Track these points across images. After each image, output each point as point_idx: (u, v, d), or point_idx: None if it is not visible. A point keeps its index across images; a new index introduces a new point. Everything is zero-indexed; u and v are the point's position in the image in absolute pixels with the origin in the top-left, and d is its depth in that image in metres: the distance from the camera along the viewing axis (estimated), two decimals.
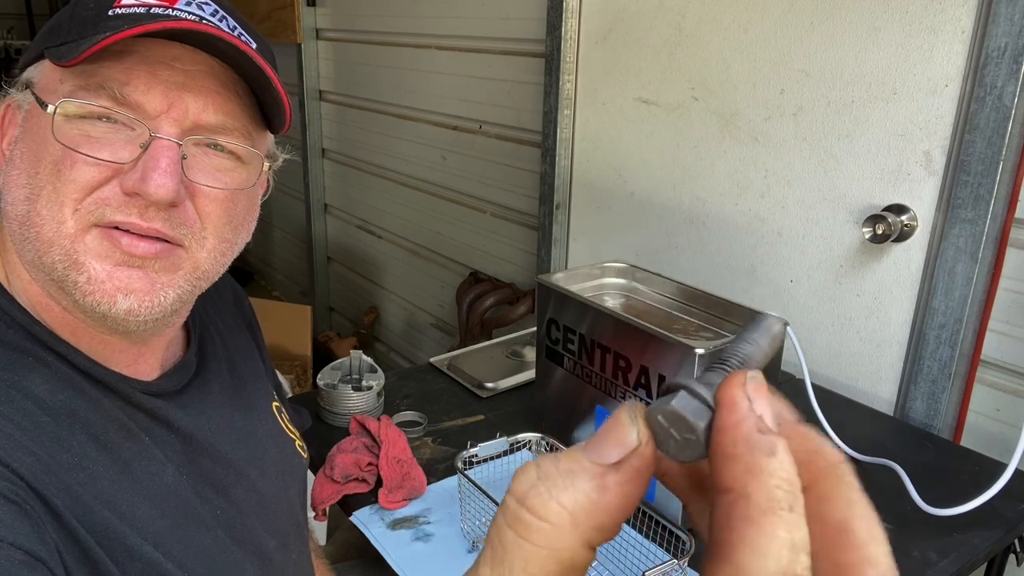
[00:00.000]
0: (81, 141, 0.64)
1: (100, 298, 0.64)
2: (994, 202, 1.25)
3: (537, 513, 0.27)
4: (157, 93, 0.65)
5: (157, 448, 0.71)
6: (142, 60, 0.65)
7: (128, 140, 0.65)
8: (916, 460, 1.22)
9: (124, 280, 0.65)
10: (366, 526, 1.09)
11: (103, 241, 0.65)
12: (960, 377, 1.36)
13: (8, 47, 5.18)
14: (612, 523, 0.27)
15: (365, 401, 1.33)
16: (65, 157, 0.64)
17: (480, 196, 2.49)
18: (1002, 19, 1.20)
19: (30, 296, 0.68)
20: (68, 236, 0.64)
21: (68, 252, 0.64)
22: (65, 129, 0.64)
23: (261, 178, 0.76)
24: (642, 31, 1.78)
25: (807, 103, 1.50)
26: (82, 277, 0.64)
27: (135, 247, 0.65)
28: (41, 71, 0.68)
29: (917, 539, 1.05)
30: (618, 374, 1.12)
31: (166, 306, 0.68)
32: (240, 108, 0.70)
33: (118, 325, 0.67)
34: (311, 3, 3.17)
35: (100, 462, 0.64)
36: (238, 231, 0.74)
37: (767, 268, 1.62)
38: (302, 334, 3.15)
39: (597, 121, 1.95)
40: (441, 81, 2.57)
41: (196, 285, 0.71)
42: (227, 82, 0.69)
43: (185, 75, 0.66)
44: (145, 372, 0.75)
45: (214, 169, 0.69)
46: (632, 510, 0.28)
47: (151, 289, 0.66)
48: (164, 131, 0.65)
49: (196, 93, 0.67)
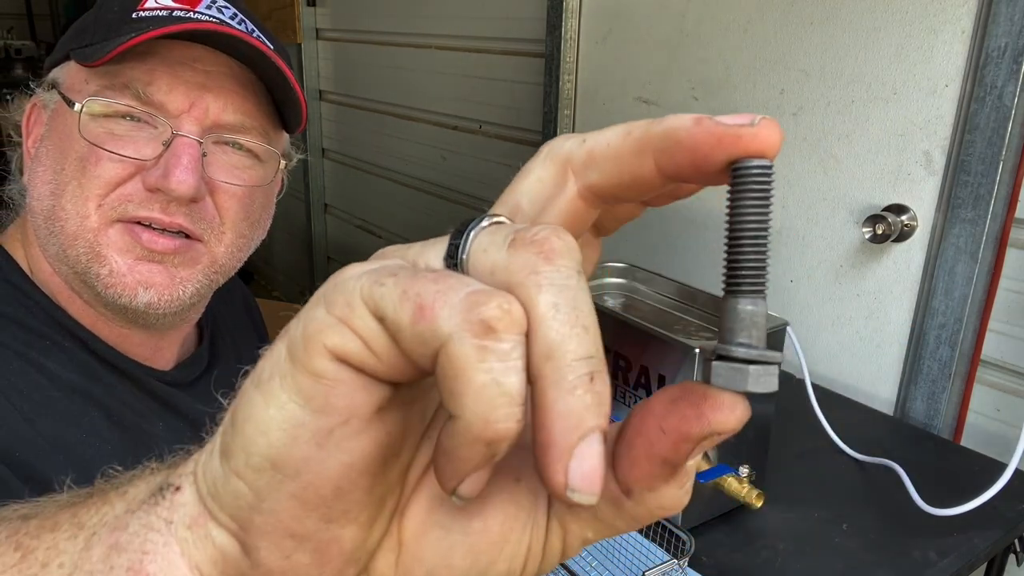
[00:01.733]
0: (106, 138, 0.66)
1: (121, 291, 0.67)
2: (994, 202, 1.25)
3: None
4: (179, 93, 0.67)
5: (170, 434, 0.73)
6: (164, 61, 0.67)
7: (151, 138, 0.67)
8: (916, 460, 1.22)
9: (145, 274, 0.67)
10: None
11: (125, 236, 0.67)
12: (960, 377, 1.36)
13: (8, 47, 5.18)
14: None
15: None
16: (90, 154, 0.66)
17: (480, 196, 2.49)
18: (1002, 19, 1.20)
19: (52, 287, 0.70)
20: (92, 230, 0.66)
21: (92, 245, 0.66)
22: (91, 127, 0.66)
23: (277, 176, 0.78)
24: (642, 31, 1.78)
25: (807, 103, 1.50)
26: (104, 270, 0.67)
27: (155, 243, 0.67)
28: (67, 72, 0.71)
29: (917, 539, 1.05)
30: (618, 374, 1.12)
31: (185, 300, 0.70)
32: (258, 108, 0.73)
33: (138, 318, 0.70)
34: (311, 3, 3.17)
35: (111, 441, 0.67)
36: (255, 227, 0.76)
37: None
38: None
39: (597, 121, 1.95)
40: (441, 81, 2.57)
41: (213, 279, 0.73)
42: (246, 82, 0.71)
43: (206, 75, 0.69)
44: (161, 364, 0.77)
45: (233, 166, 0.72)
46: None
47: (171, 283, 0.69)
48: (186, 129, 0.68)
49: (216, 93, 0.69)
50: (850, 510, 1.12)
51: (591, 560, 1.02)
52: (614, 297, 1.33)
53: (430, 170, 2.71)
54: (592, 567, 1.01)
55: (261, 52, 0.68)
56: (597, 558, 1.02)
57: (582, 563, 1.01)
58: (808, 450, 1.28)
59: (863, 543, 1.05)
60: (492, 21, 2.29)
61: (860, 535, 1.06)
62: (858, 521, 1.09)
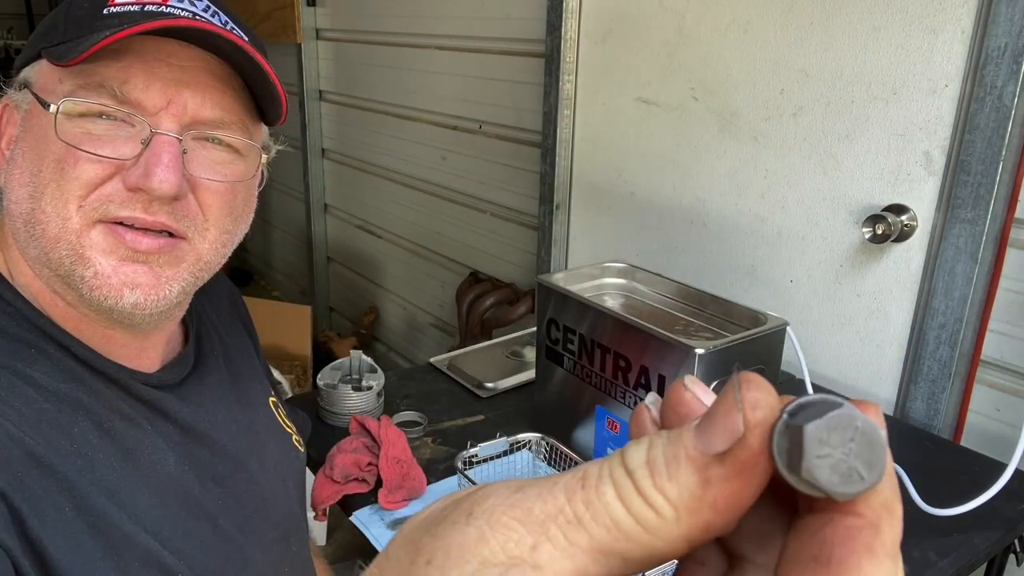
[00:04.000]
0: (83, 139, 0.65)
1: (107, 292, 0.66)
2: (994, 202, 1.25)
3: (644, 497, 0.23)
4: (156, 90, 0.66)
5: (159, 438, 0.72)
6: (139, 58, 0.66)
7: (129, 137, 0.66)
8: (916, 460, 1.22)
9: (130, 275, 0.67)
10: (366, 526, 1.09)
11: (108, 237, 0.66)
12: (960, 377, 1.36)
13: (8, 47, 5.18)
14: (722, 521, 0.23)
15: (365, 401, 1.33)
16: (68, 155, 0.65)
17: (480, 196, 2.49)
18: (1002, 19, 1.20)
19: (33, 291, 0.69)
20: (74, 232, 0.65)
21: (74, 247, 0.65)
22: (67, 127, 0.65)
23: (259, 170, 0.77)
24: (642, 31, 1.78)
25: (807, 103, 1.50)
26: (88, 272, 0.66)
27: (139, 243, 0.66)
28: (39, 71, 0.69)
29: (917, 539, 1.05)
30: (618, 374, 1.12)
31: (171, 299, 0.69)
32: (236, 102, 0.72)
33: (124, 318, 0.69)
34: (311, 3, 3.17)
35: (101, 449, 0.66)
36: (238, 222, 0.75)
37: (767, 268, 1.62)
38: (302, 334, 3.15)
39: (597, 121, 1.95)
40: (441, 81, 2.57)
41: (199, 276, 0.73)
42: (223, 77, 0.70)
43: (182, 71, 0.68)
44: (146, 366, 0.76)
45: (213, 162, 0.71)
46: (747, 506, 0.23)
47: (156, 283, 0.68)
48: (164, 127, 0.67)
49: (194, 89, 0.68)
50: None
51: None
52: (614, 297, 1.33)
53: (430, 170, 2.71)
54: None
55: (237, 46, 0.67)
56: None
57: None
58: None
59: None
60: (492, 21, 2.29)
61: None
62: None
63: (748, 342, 1.04)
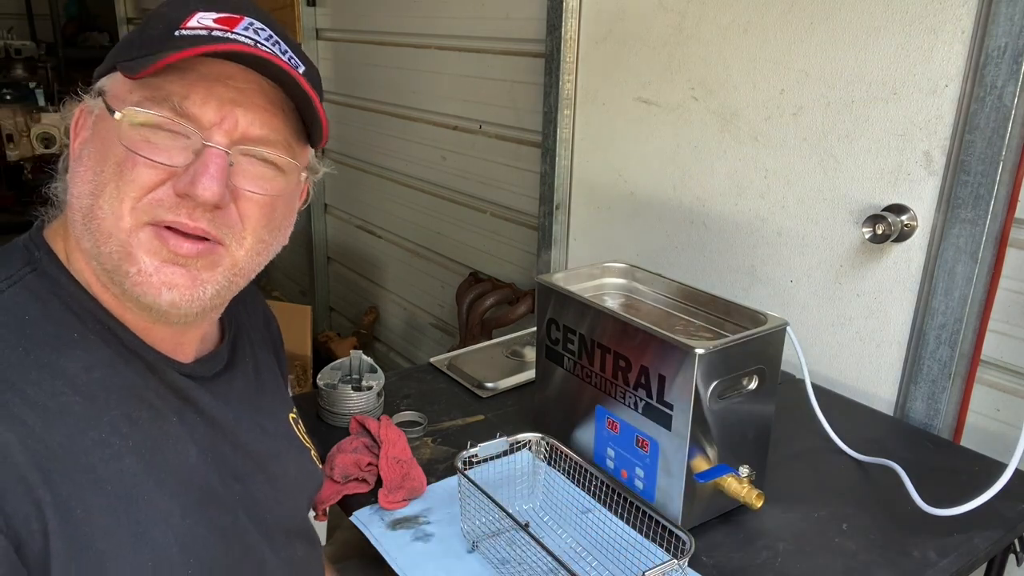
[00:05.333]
0: (143, 145, 0.72)
1: (147, 289, 0.73)
2: (994, 202, 1.25)
3: None
4: (212, 107, 0.74)
5: (184, 428, 0.78)
6: (201, 77, 0.74)
7: (184, 147, 0.73)
8: (916, 460, 1.22)
9: (169, 276, 0.73)
10: (366, 526, 1.09)
11: (154, 239, 0.73)
12: (960, 377, 1.36)
13: (8, 47, 5.17)
14: None
15: (365, 401, 1.33)
16: (128, 158, 0.72)
17: (480, 196, 2.49)
18: (1002, 19, 1.20)
19: (86, 277, 0.76)
20: (125, 230, 0.72)
21: (123, 244, 0.72)
22: (129, 134, 0.72)
23: (299, 187, 0.85)
24: (642, 31, 1.78)
25: (807, 103, 1.50)
26: (133, 269, 0.72)
27: (180, 247, 0.73)
28: (112, 81, 0.77)
29: (917, 539, 1.05)
30: (618, 374, 1.12)
31: (205, 300, 0.76)
32: (284, 123, 0.79)
33: (161, 315, 0.76)
34: (311, 3, 3.17)
35: (130, 437, 0.72)
36: (275, 234, 0.82)
37: (767, 268, 1.63)
38: (302, 334, 3.15)
39: (597, 121, 1.95)
40: (441, 81, 2.57)
41: (233, 281, 0.79)
42: (275, 100, 0.77)
43: (238, 92, 0.75)
44: (182, 357, 0.82)
45: (257, 176, 0.77)
46: None
47: (193, 285, 0.74)
48: (215, 140, 0.73)
49: (246, 108, 0.75)
50: (850, 510, 1.12)
51: (591, 560, 1.02)
52: (614, 297, 1.33)
53: (430, 170, 2.71)
54: (592, 567, 1.01)
55: (289, 74, 0.75)
56: (597, 558, 1.02)
57: (582, 563, 1.01)
58: (808, 450, 1.28)
59: (863, 543, 1.05)
60: (492, 21, 2.29)
61: (860, 535, 1.06)
62: (858, 521, 1.10)
63: (748, 342, 1.05)
